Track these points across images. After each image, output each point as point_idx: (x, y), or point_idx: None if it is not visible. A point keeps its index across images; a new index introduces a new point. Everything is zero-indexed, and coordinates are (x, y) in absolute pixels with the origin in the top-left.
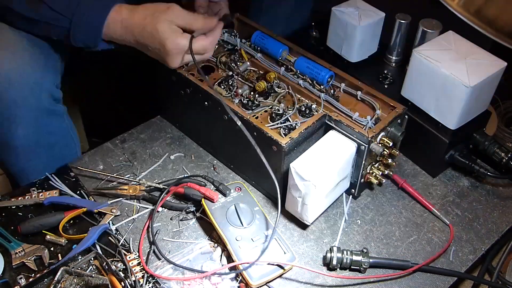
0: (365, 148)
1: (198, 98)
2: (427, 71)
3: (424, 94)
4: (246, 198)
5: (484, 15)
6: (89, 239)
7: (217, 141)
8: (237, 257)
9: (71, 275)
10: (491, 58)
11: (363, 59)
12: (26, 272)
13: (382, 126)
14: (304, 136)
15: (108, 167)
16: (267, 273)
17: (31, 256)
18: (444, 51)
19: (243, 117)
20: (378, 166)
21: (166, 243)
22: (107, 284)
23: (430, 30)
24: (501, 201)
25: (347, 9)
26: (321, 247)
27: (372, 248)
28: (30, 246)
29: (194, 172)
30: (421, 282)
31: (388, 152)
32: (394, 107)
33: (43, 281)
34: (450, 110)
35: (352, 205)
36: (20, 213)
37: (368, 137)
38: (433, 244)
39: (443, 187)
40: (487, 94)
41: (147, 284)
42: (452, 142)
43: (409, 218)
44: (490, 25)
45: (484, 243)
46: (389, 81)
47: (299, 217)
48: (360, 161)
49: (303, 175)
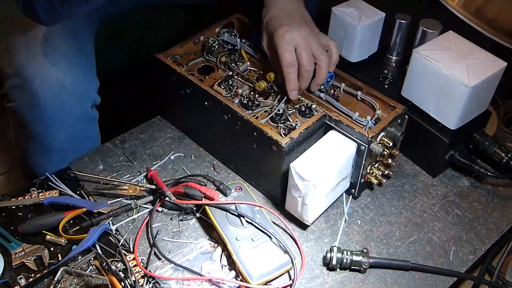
0: (365, 148)
1: (198, 98)
2: (427, 71)
3: (424, 94)
4: (246, 197)
5: (484, 14)
6: (89, 239)
7: (217, 141)
8: (237, 257)
9: (71, 275)
10: (491, 58)
11: (363, 59)
12: (26, 272)
13: (382, 126)
14: (304, 136)
15: (108, 167)
16: (266, 273)
17: (31, 256)
18: (444, 51)
19: (243, 117)
20: (378, 166)
21: (166, 243)
22: (107, 284)
23: (430, 30)
24: (501, 201)
25: (347, 9)
26: (321, 247)
27: (372, 248)
28: (30, 246)
29: (194, 172)
30: (421, 282)
31: (388, 152)
32: (394, 107)
33: (43, 281)
34: (450, 110)
35: (352, 205)
36: (20, 213)
37: (368, 137)
38: (433, 244)
39: (443, 187)
40: (487, 94)
41: (147, 284)
42: (452, 142)
43: (409, 218)
44: (490, 25)
45: (484, 243)
46: (389, 81)
47: (299, 217)
48: (360, 161)
49: (303, 175)
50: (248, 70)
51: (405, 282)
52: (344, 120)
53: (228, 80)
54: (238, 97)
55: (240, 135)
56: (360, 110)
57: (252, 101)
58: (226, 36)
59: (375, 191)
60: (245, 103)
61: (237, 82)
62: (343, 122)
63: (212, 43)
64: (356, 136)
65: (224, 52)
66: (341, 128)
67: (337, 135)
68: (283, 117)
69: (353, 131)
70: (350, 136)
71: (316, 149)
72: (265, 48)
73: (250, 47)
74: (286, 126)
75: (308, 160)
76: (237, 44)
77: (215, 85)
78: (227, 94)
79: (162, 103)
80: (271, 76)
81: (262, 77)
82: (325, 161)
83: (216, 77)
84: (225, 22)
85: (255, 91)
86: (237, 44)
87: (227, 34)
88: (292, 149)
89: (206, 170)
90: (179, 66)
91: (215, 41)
